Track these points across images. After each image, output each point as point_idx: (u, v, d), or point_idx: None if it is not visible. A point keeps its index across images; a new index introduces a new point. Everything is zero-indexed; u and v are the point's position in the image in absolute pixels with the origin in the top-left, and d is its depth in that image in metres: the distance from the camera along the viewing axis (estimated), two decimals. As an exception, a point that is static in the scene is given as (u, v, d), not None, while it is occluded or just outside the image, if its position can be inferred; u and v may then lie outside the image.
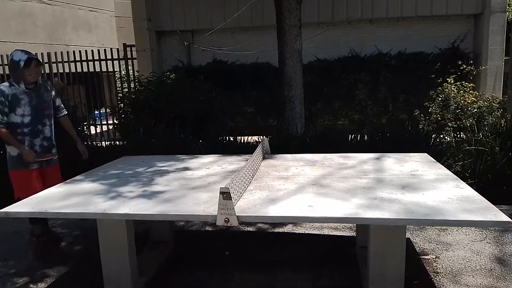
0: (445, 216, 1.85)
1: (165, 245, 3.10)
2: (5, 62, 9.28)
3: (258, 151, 3.07)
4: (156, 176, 2.78)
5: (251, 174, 2.60)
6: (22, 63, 3.04)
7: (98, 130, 9.58)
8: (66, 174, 3.36)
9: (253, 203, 2.10)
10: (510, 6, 8.01)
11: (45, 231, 3.49)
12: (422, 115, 6.30)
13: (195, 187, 2.47)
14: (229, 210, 1.92)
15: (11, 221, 3.47)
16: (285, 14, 5.47)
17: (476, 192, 2.17)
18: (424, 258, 2.89)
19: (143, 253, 2.95)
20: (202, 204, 2.12)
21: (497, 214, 1.85)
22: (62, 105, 3.53)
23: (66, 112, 3.54)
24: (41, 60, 9.13)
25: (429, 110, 6.32)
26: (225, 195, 1.92)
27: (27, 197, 2.43)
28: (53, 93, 3.40)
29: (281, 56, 5.66)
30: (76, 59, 9.18)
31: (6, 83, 3.14)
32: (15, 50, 3.17)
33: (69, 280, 2.78)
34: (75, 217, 2.14)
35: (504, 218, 1.82)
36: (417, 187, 2.29)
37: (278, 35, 5.65)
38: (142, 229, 3.37)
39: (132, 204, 2.15)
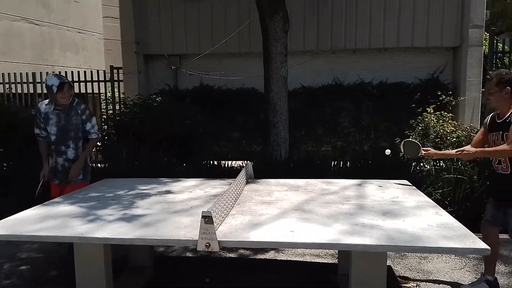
0: (424, 243, 1.87)
1: (144, 271, 3.02)
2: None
3: (242, 175, 3.07)
4: (137, 199, 2.74)
5: (234, 198, 2.59)
6: (55, 88, 3.23)
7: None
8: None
9: (235, 228, 2.09)
10: (486, 41, 8.38)
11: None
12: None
13: (176, 211, 2.44)
14: (210, 235, 1.90)
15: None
16: (272, 42, 5.60)
17: (455, 220, 2.21)
18: (405, 286, 2.88)
19: (121, 278, 2.86)
20: (183, 229, 2.09)
21: (475, 241, 1.88)
22: (94, 130, 3.49)
23: (95, 137, 3.50)
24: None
25: (410, 138, 6.45)
26: (207, 219, 1.90)
27: None
28: (84, 117, 3.42)
29: (267, 82, 5.76)
30: (62, 80, 9.13)
31: (45, 101, 3.43)
32: (49, 75, 3.40)
33: (41, 307, 2.66)
34: (51, 240, 2.07)
35: (482, 245, 1.85)
36: (398, 213, 2.32)
37: (264, 62, 5.76)
38: (121, 254, 3.28)
39: (111, 228, 2.11)
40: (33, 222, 2.25)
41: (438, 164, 4.75)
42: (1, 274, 3.18)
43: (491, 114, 2.87)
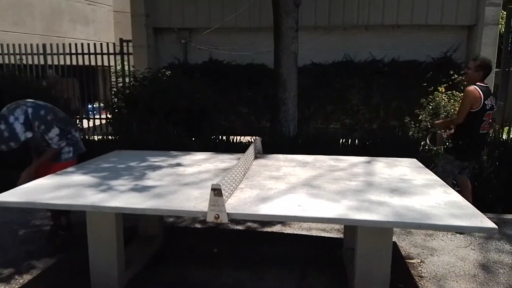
0: (432, 220, 1.89)
1: (153, 240, 3.10)
2: (5, 51, 9.18)
3: (251, 150, 3.09)
4: (148, 170, 2.79)
5: (243, 173, 2.62)
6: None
7: (91, 124, 9.52)
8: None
9: (243, 201, 2.12)
10: (502, 19, 8.14)
11: (69, 223, 3.40)
12: (412, 122, 6.37)
13: (186, 183, 2.48)
14: (219, 207, 1.94)
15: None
16: (283, 16, 5.50)
17: (464, 199, 2.22)
18: (410, 262, 2.93)
19: (131, 247, 2.94)
20: (193, 200, 2.13)
21: (483, 220, 1.89)
22: (53, 141, 3.04)
23: (55, 147, 3.07)
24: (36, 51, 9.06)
25: (419, 118, 6.40)
26: (216, 191, 1.94)
27: None
28: (40, 132, 2.96)
29: (276, 58, 5.69)
30: (72, 52, 9.12)
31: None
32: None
33: (56, 271, 2.77)
34: (64, 208, 2.13)
35: (490, 224, 1.86)
36: (406, 191, 2.33)
37: (274, 37, 5.68)
38: (131, 224, 3.36)
39: (123, 198, 2.16)
40: (47, 190, 2.31)
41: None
42: (16, 240, 3.30)
43: None
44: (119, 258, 2.49)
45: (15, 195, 2.21)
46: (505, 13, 8.16)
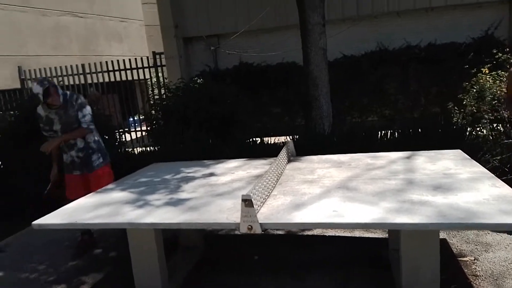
0: (480, 219, 1.75)
1: (194, 250, 3.14)
2: (43, 75, 9.76)
3: (283, 154, 3.04)
4: (182, 182, 2.82)
5: (275, 179, 2.58)
6: (41, 96, 3.21)
7: (133, 136, 9.87)
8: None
9: (276, 209, 2.08)
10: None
11: (92, 239, 3.67)
12: (456, 107, 6.02)
13: (219, 193, 2.48)
14: (251, 218, 1.92)
15: (47, 231, 3.63)
16: (308, 12, 5.39)
17: (515, 191, 2.04)
18: (462, 260, 2.75)
19: (173, 258, 2.99)
20: (225, 211, 2.12)
21: (537, 215, 1.73)
22: (85, 118, 3.44)
23: (84, 126, 3.44)
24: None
25: (464, 103, 6.03)
26: (247, 202, 1.91)
27: (71, 198, 2.86)
28: (76, 107, 3.42)
29: (305, 56, 5.59)
30: (109, 69, 9.51)
31: (40, 106, 3.42)
32: (33, 82, 3.42)
33: (104, 286, 2.87)
34: (103, 227, 2.20)
35: (545, 219, 1.70)
36: (450, 187, 2.18)
37: (301, 34, 5.58)
38: (173, 234, 3.42)
39: (158, 213, 2.19)
40: (87, 210, 2.40)
41: (496, 128, 4.42)
42: (67, 256, 3.46)
43: None
44: (162, 271, 2.54)
45: (57, 217, 2.32)
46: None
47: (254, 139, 5.27)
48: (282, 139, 5.46)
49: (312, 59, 5.53)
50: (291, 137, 4.76)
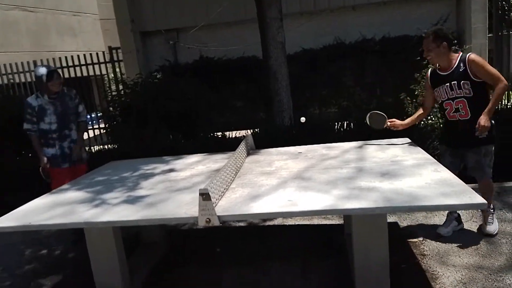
0: (422, 201, 1.89)
1: (157, 246, 3.14)
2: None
3: (241, 148, 3.10)
4: (141, 180, 2.80)
5: (234, 172, 2.63)
6: (44, 78, 3.34)
7: (91, 134, 9.56)
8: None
9: (234, 202, 2.13)
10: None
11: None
12: (408, 98, 6.32)
13: (178, 188, 2.50)
14: (209, 211, 1.95)
15: (1, 234, 3.50)
16: (265, 7, 5.45)
17: (454, 175, 2.21)
18: (412, 241, 2.94)
19: (134, 255, 2.98)
20: (184, 206, 2.15)
21: (472, 196, 1.89)
22: (84, 112, 3.73)
23: (85, 119, 3.74)
24: (25, 68, 9.08)
25: (415, 93, 6.34)
26: (205, 196, 1.95)
27: None
28: (77, 100, 3.66)
29: (264, 50, 5.65)
30: (63, 65, 9.13)
31: (34, 96, 3.50)
32: (38, 66, 3.55)
33: (63, 288, 2.82)
34: (58, 227, 2.16)
35: (479, 200, 1.85)
36: (396, 173, 2.32)
37: (260, 29, 5.63)
38: (135, 232, 3.40)
39: (115, 211, 2.18)
40: (42, 211, 2.34)
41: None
42: (23, 260, 3.35)
43: (429, 70, 3.09)
44: (122, 269, 2.52)
45: (10, 220, 2.24)
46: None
47: (215, 134, 5.29)
48: (243, 133, 5.51)
49: (271, 53, 5.60)
50: (251, 131, 4.82)
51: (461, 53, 2.85)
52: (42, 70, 3.36)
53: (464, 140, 2.85)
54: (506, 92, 3.25)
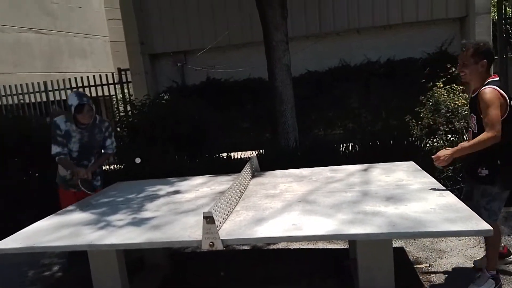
0: (427, 227, 1.87)
1: (160, 269, 3.12)
2: (2, 93, 9.44)
3: (246, 170, 3.11)
4: (146, 201, 2.82)
5: (238, 195, 2.63)
6: (73, 109, 3.15)
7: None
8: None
9: (238, 225, 2.13)
10: (494, 7, 8.09)
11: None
12: (413, 120, 6.32)
13: (183, 211, 2.50)
14: (213, 234, 1.95)
15: (6, 254, 3.49)
16: (272, 31, 5.56)
17: (459, 200, 2.19)
18: (418, 267, 2.89)
19: (137, 279, 2.95)
20: (188, 229, 2.15)
21: (478, 223, 1.87)
22: (112, 146, 3.55)
23: (110, 152, 3.57)
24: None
25: (421, 115, 6.35)
26: (209, 219, 1.95)
27: None
28: (107, 134, 3.48)
29: (270, 72, 5.73)
30: (73, 86, 9.31)
31: (63, 118, 3.31)
32: (71, 93, 3.31)
33: (66, 311, 2.79)
34: (63, 250, 2.17)
35: (486, 226, 1.83)
36: (401, 198, 2.31)
37: (266, 52, 5.73)
38: (139, 255, 3.38)
39: (120, 233, 2.18)
40: (46, 232, 2.35)
41: (449, 140, 4.68)
42: (25, 281, 3.33)
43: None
44: (125, 292, 2.51)
45: (15, 241, 2.26)
46: (496, 0, 8.12)
47: (221, 154, 5.31)
48: (249, 154, 5.53)
49: (277, 75, 5.67)
50: (256, 152, 4.84)
51: (495, 78, 2.41)
52: (73, 100, 3.16)
53: (468, 173, 2.61)
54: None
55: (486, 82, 2.39)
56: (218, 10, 8.56)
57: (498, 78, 2.43)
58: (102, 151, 3.57)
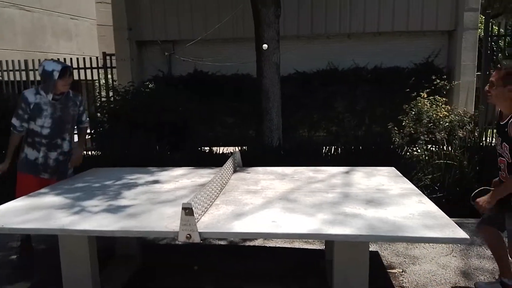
0: (405, 232, 1.88)
1: (132, 259, 3.05)
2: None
3: (229, 164, 3.07)
4: (123, 189, 2.74)
5: (219, 188, 2.59)
6: (56, 74, 2.96)
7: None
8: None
9: (217, 219, 2.09)
10: (481, 24, 8.30)
11: (29, 245, 3.35)
12: (396, 128, 6.42)
13: (161, 201, 2.44)
14: (191, 226, 1.91)
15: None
16: (264, 27, 5.52)
17: (438, 208, 2.22)
18: (391, 272, 2.92)
19: (108, 268, 2.88)
20: (165, 219, 2.09)
21: (455, 230, 1.89)
22: (87, 119, 3.49)
23: (87, 125, 3.51)
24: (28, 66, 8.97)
25: (403, 123, 6.46)
26: (188, 211, 1.90)
27: None
28: (82, 108, 3.36)
29: (259, 69, 5.70)
30: (54, 67, 9.04)
31: (33, 90, 3.08)
32: (45, 61, 3.07)
33: (31, 296, 2.70)
34: (33, 232, 2.09)
35: (462, 234, 1.85)
36: (381, 202, 2.32)
37: (256, 48, 5.69)
38: (111, 242, 3.30)
39: (94, 219, 2.11)
40: (17, 213, 2.25)
41: (429, 149, 4.76)
42: (-9, 264, 3.21)
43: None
44: (94, 282, 2.43)
45: (-18, 221, 2.15)
46: (483, 17, 8.33)
47: (204, 148, 5.25)
48: (232, 149, 5.49)
49: (265, 73, 5.65)
50: (238, 148, 4.80)
51: None
52: (54, 66, 2.95)
53: (501, 203, 2.37)
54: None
55: None
56: (211, 2, 8.47)
57: None
58: (76, 127, 3.45)
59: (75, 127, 3.45)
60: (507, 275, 2.55)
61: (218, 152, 5.21)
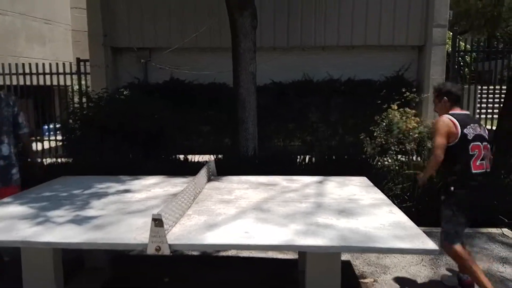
0: (376, 243, 1.90)
1: (101, 272, 2.95)
2: None
3: (202, 173, 3.04)
4: (92, 199, 2.66)
5: (192, 198, 2.56)
6: None
7: (46, 145, 9.10)
8: None
9: (189, 230, 2.05)
10: (449, 40, 8.65)
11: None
12: (368, 138, 6.56)
13: (131, 211, 2.38)
14: (160, 238, 1.87)
15: None
16: (240, 38, 5.55)
17: (408, 218, 2.26)
18: (363, 282, 2.94)
19: (74, 281, 2.77)
20: (134, 231, 2.04)
21: (425, 241, 1.92)
22: (25, 123, 3.21)
23: (27, 130, 3.23)
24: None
25: (374, 134, 6.60)
26: (157, 222, 1.86)
27: None
28: (16, 109, 3.11)
29: (235, 78, 5.72)
30: (27, 72, 8.76)
31: None
32: None
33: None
34: (-8, 245, 1.98)
35: (431, 246, 1.89)
36: (353, 212, 2.35)
37: (233, 58, 5.71)
38: (79, 254, 3.18)
39: (58, 231, 2.03)
40: (-24, 225, 2.14)
41: (398, 159, 4.88)
42: None
43: None
44: (59, 295, 2.33)
45: None
46: (451, 34, 8.69)
47: (178, 156, 5.18)
48: (207, 158, 5.44)
49: (241, 82, 5.66)
50: (214, 156, 4.77)
51: (457, 111, 2.77)
52: None
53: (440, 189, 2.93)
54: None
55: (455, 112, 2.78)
56: (188, 11, 8.46)
57: (460, 112, 2.78)
58: (17, 136, 3.19)
59: (16, 134, 3.20)
60: (463, 272, 2.82)
61: (193, 160, 5.15)
